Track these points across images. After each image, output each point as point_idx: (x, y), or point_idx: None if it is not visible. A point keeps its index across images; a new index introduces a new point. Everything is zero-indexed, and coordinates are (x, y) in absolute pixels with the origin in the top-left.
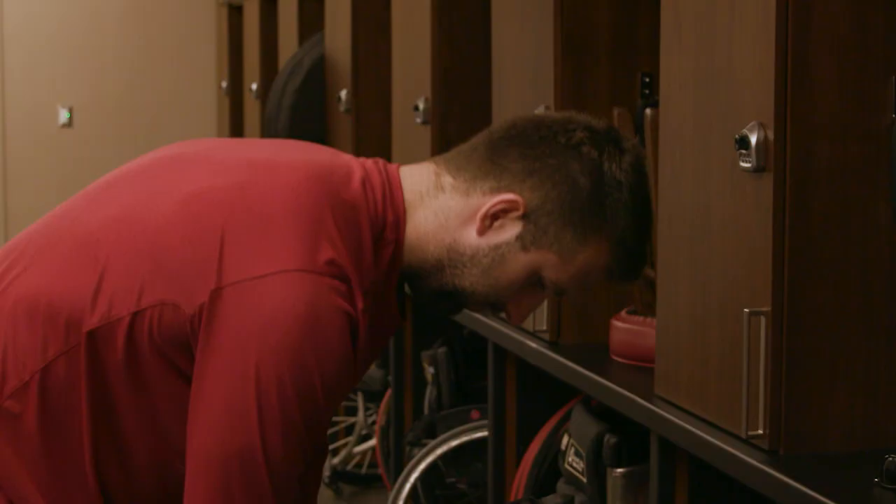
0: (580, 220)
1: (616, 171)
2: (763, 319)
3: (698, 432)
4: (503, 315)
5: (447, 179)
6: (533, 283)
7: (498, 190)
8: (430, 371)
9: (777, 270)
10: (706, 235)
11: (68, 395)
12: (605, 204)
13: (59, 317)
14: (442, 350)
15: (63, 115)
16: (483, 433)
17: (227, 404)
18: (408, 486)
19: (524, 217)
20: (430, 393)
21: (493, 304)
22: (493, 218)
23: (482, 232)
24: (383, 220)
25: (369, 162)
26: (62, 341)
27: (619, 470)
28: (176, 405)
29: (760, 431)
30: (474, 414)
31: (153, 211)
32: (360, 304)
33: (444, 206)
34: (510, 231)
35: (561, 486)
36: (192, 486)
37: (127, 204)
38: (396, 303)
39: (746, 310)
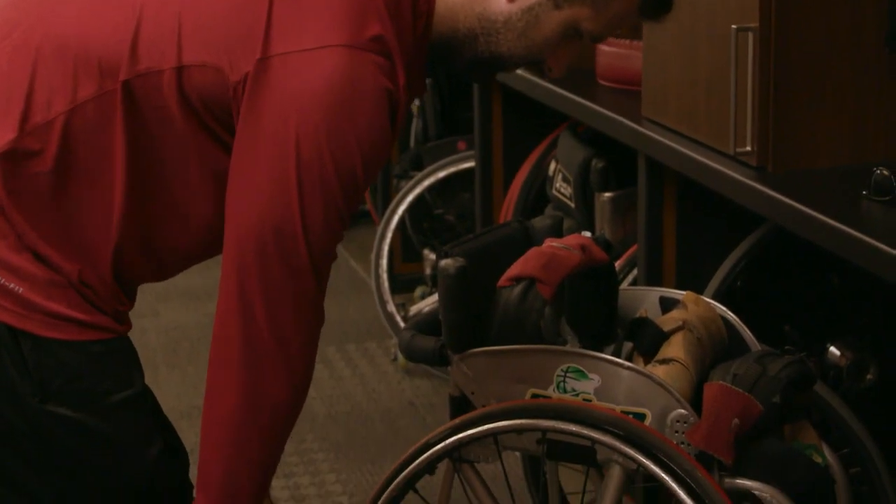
0: None
1: None
2: (751, 36)
3: (686, 151)
4: (545, 70)
5: None
6: (569, 36)
7: None
8: (415, 103)
9: None
10: None
11: (95, 140)
12: None
13: (92, 60)
14: (427, 81)
15: None
16: (470, 163)
17: (268, 177)
18: (395, 220)
19: None
20: (415, 125)
21: (532, 63)
22: None
23: None
24: None
25: None
26: (95, 85)
27: (607, 194)
28: (206, 167)
29: (749, 148)
30: (461, 144)
31: None
32: (401, 81)
33: None
34: None
35: (549, 211)
36: (230, 257)
37: None
38: (424, 75)
39: (734, 26)
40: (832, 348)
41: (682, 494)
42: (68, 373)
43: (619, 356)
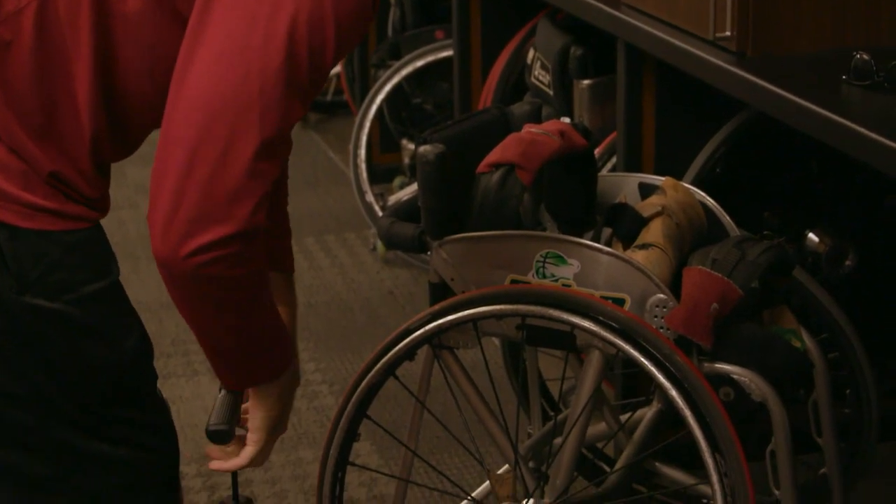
0: None
1: None
2: None
3: (665, 37)
4: None
5: None
6: None
7: None
8: None
9: None
10: None
11: (67, 26)
12: None
13: None
14: None
15: None
16: (448, 52)
17: (230, 40)
18: (373, 109)
19: None
20: (393, 14)
21: None
22: None
23: None
24: None
25: None
26: None
27: (586, 81)
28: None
29: (728, 33)
30: (438, 33)
31: None
32: None
33: None
34: None
35: (527, 99)
36: (173, 129)
37: None
38: None
39: None
40: (811, 235)
41: (661, 378)
42: (46, 263)
43: (598, 242)
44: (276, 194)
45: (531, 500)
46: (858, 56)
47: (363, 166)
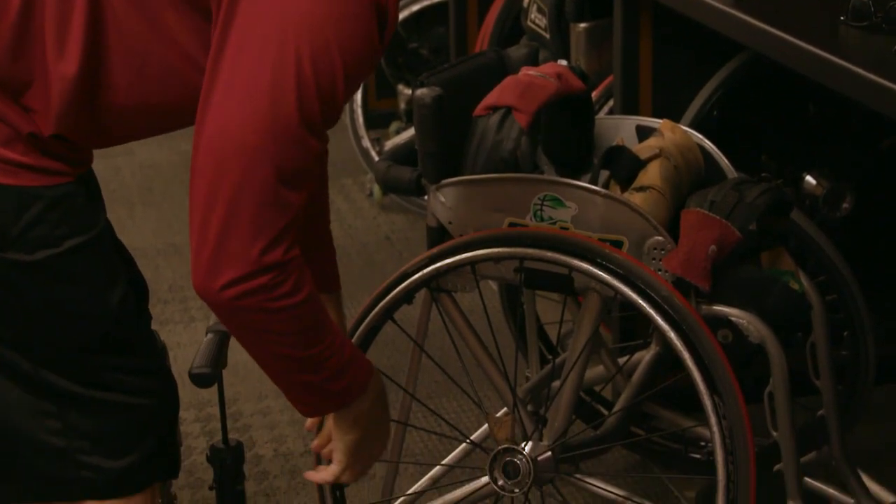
0: None
1: None
2: None
3: None
4: None
5: None
6: None
7: None
8: None
9: None
10: None
11: (54, 13)
12: None
13: None
14: None
15: None
16: None
17: (240, 80)
18: None
19: None
20: None
21: None
22: None
23: None
24: None
25: None
26: None
27: (582, 24)
28: (170, 55)
29: None
30: None
31: None
32: None
33: None
34: None
35: (524, 42)
36: (197, 162)
37: None
38: None
39: None
40: (808, 177)
41: (659, 321)
42: (27, 219)
43: (595, 184)
44: (316, 217)
45: (530, 443)
46: None
47: (359, 112)
